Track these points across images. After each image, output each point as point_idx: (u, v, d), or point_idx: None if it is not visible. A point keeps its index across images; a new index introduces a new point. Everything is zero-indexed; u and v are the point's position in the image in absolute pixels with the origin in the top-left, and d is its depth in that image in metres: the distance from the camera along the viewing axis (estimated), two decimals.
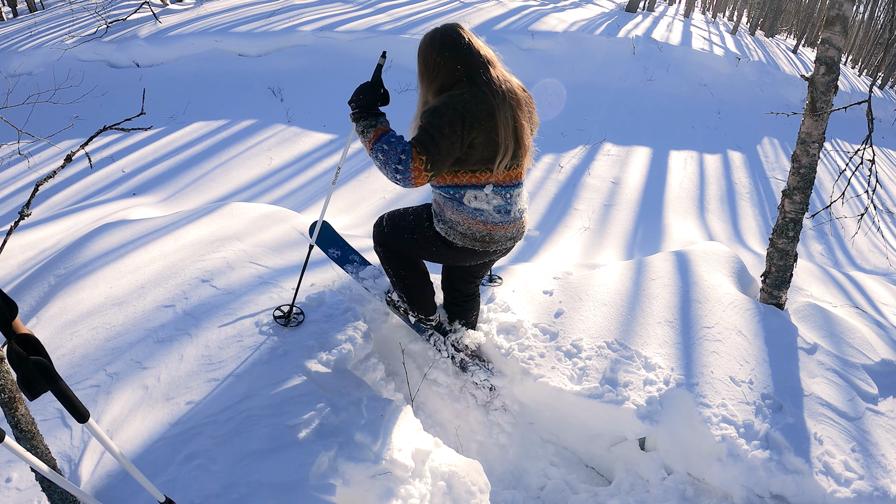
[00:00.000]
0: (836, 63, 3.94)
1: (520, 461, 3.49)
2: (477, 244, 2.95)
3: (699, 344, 3.67)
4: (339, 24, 12.06)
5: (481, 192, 2.82)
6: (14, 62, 11.41)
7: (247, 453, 2.70)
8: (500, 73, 2.73)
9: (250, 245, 4.30)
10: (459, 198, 2.85)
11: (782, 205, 4.26)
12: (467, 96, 2.62)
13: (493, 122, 2.63)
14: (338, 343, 3.42)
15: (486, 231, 2.91)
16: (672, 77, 12.51)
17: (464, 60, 2.68)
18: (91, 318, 3.58)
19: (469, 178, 2.79)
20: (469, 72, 2.68)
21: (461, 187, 2.82)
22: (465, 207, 2.86)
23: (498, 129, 2.65)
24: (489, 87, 2.65)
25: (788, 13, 33.54)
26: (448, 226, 2.94)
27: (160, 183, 7.54)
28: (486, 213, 2.86)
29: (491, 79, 2.67)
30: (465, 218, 2.88)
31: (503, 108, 2.66)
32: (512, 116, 2.70)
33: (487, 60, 2.71)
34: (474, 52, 2.69)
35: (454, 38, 2.69)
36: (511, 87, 2.73)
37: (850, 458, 3.13)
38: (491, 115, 2.62)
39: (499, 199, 2.86)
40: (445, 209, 2.92)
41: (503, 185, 2.85)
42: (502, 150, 2.69)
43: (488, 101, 2.63)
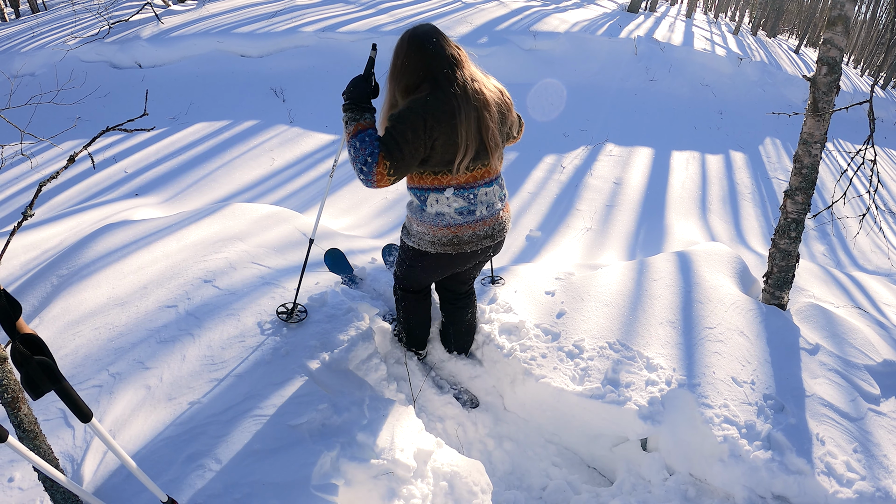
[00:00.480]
0: (837, 63, 3.93)
1: (522, 461, 3.49)
2: (448, 248, 2.98)
3: (701, 344, 3.67)
4: (341, 25, 12.07)
5: (442, 196, 2.85)
6: (17, 63, 11.43)
7: (249, 453, 2.70)
8: (468, 74, 2.74)
9: (253, 245, 4.30)
10: (423, 202, 2.90)
11: (784, 205, 4.26)
12: (430, 98, 2.64)
13: (454, 123, 2.64)
14: (340, 343, 3.42)
15: (452, 234, 2.93)
16: (674, 77, 12.50)
17: (428, 62, 2.69)
18: (94, 319, 3.59)
19: (431, 180, 2.82)
20: (432, 73, 2.69)
21: (424, 190, 2.87)
22: (427, 215, 2.91)
23: (458, 130, 2.66)
24: (451, 89, 2.66)
25: (790, 13, 33.52)
26: (417, 238, 3.02)
27: (163, 183, 7.54)
28: (446, 216, 2.89)
29: (454, 80, 2.68)
30: (429, 227, 2.93)
31: (465, 109, 2.66)
32: (476, 117, 2.70)
33: (454, 62, 2.71)
34: (440, 54, 2.69)
35: (421, 39, 2.70)
36: (478, 88, 2.73)
37: (852, 459, 3.13)
38: (451, 116, 2.63)
39: (460, 202, 2.88)
40: (412, 222, 3.01)
41: (465, 186, 2.86)
42: (462, 150, 2.69)
43: (449, 102, 2.64)
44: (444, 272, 3.26)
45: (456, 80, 2.68)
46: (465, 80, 2.70)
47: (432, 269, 3.21)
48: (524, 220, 6.94)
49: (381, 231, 6.18)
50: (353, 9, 13.37)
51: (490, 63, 11.07)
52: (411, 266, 3.23)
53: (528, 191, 7.75)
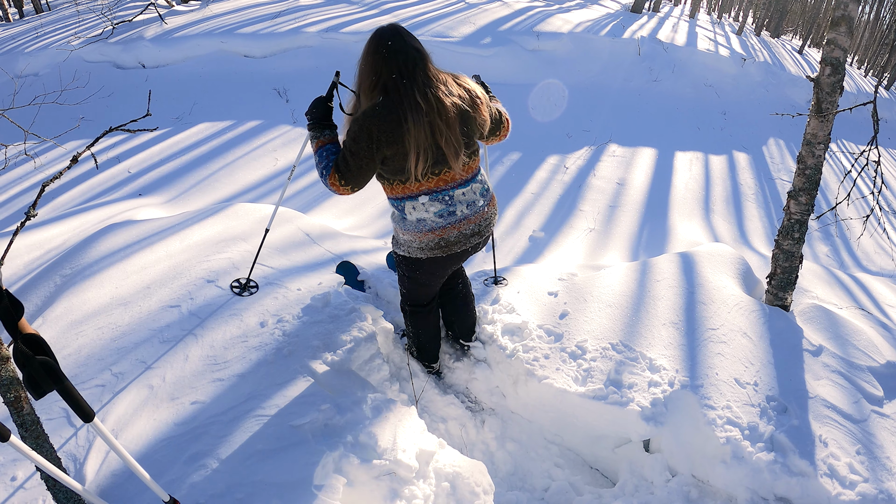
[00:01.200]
0: (841, 64, 3.92)
1: (524, 462, 3.49)
2: (437, 251, 3.02)
3: (704, 345, 3.67)
4: (344, 25, 12.06)
5: (417, 202, 2.87)
6: (20, 63, 11.44)
7: (251, 453, 2.71)
8: (421, 79, 2.68)
9: (255, 246, 4.31)
10: (402, 211, 2.94)
11: (788, 206, 4.25)
12: (377, 108, 2.64)
13: (400, 132, 2.63)
14: (343, 344, 3.43)
15: (437, 237, 2.96)
16: (677, 78, 12.48)
17: (379, 66, 2.67)
18: (97, 318, 3.60)
19: (402, 189, 2.85)
20: (382, 79, 2.68)
21: (400, 199, 2.90)
22: (408, 223, 2.95)
23: (405, 139, 2.64)
24: (398, 95, 2.63)
25: (794, 14, 33.47)
26: (406, 246, 3.08)
27: (166, 183, 7.55)
28: (427, 221, 2.92)
29: (402, 87, 2.64)
30: (414, 234, 2.97)
31: (413, 116, 2.62)
32: (428, 122, 2.65)
33: (406, 66, 2.65)
34: (392, 58, 2.65)
35: (377, 41, 2.69)
36: (431, 94, 2.67)
37: (855, 461, 3.12)
38: (398, 125, 2.62)
39: (438, 205, 2.89)
40: (398, 232, 3.08)
41: (437, 190, 2.87)
42: (413, 157, 2.68)
43: (395, 110, 2.62)
44: (441, 275, 3.29)
45: (404, 87, 2.64)
46: (417, 85, 2.65)
47: (429, 275, 3.24)
48: (527, 221, 6.94)
49: (384, 231, 6.18)
50: (357, 9, 13.37)
51: (493, 64, 11.12)
52: (410, 277, 3.28)
53: (531, 191, 7.74)
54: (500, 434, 3.60)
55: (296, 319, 3.58)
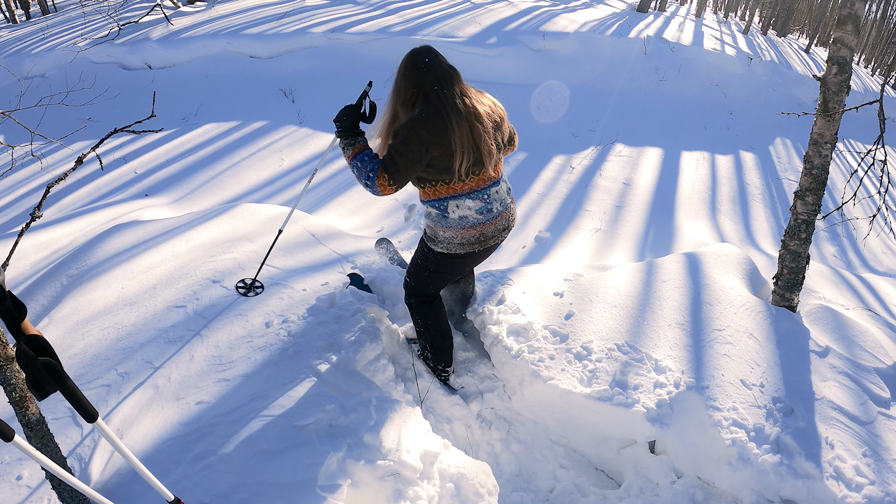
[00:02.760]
0: (848, 63, 3.91)
1: (529, 463, 3.48)
2: (476, 246, 3.28)
3: (710, 346, 3.66)
4: (350, 26, 12.07)
5: (461, 201, 3.13)
6: (27, 64, 11.50)
7: (256, 453, 2.71)
8: (458, 90, 3.00)
9: (261, 246, 4.31)
10: (444, 211, 3.17)
11: (794, 206, 4.23)
12: (423, 114, 2.92)
13: (447, 134, 2.90)
14: (347, 344, 3.43)
15: (478, 232, 3.22)
16: (684, 77, 12.45)
17: (419, 79, 2.97)
18: (103, 318, 3.61)
19: (446, 190, 3.10)
20: (424, 90, 2.97)
21: (443, 199, 3.14)
22: (451, 220, 3.18)
23: (451, 140, 2.91)
24: (440, 102, 2.93)
25: (800, 12, 33.33)
26: (446, 243, 3.27)
27: (172, 184, 7.57)
28: (470, 218, 3.17)
29: (443, 95, 2.94)
30: (456, 231, 3.20)
31: (456, 119, 2.91)
32: (468, 127, 2.96)
33: (444, 79, 2.97)
34: (430, 72, 2.96)
35: (415, 59, 2.99)
36: (468, 102, 2.99)
37: (862, 463, 3.11)
38: (444, 127, 2.89)
39: (478, 203, 3.16)
40: (437, 230, 3.26)
41: (478, 189, 3.14)
42: (458, 157, 2.95)
43: (440, 114, 2.90)
44: (468, 268, 3.56)
45: (444, 96, 2.94)
46: (455, 94, 2.97)
47: (459, 269, 3.49)
48: (533, 221, 6.92)
49: (390, 232, 6.18)
50: (362, 10, 13.38)
51: (499, 63, 11.12)
52: (436, 271, 3.44)
53: (537, 191, 7.73)
54: (505, 435, 3.59)
55: (301, 320, 3.58)
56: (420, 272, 3.51)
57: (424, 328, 3.71)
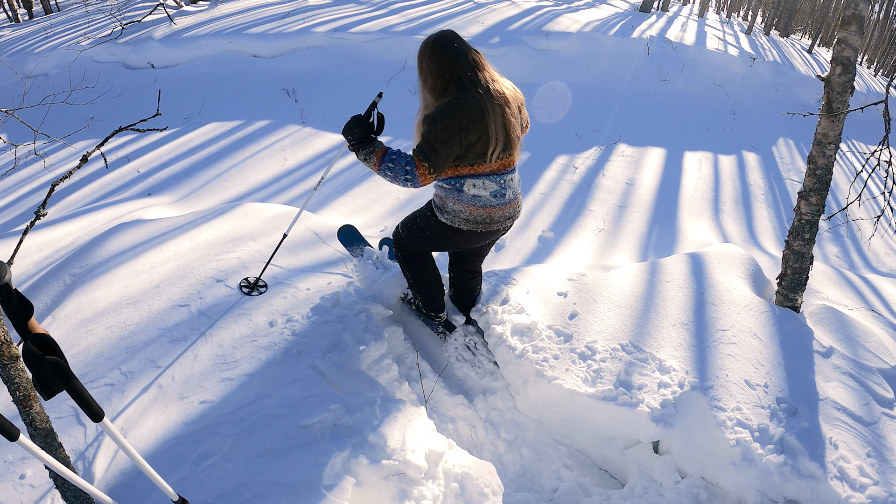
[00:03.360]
0: (852, 63, 3.90)
1: (533, 463, 3.48)
2: (479, 226, 3.32)
3: (714, 347, 3.65)
4: (352, 25, 12.07)
5: (479, 181, 3.17)
6: (30, 63, 11.51)
7: (260, 453, 2.71)
8: (489, 75, 3.04)
9: (265, 245, 4.31)
10: (460, 187, 3.21)
11: (798, 206, 4.22)
12: (461, 100, 2.94)
13: (485, 120, 2.96)
14: (352, 343, 3.43)
15: (486, 214, 3.27)
16: (687, 77, 12.44)
17: (452, 65, 2.98)
18: (106, 317, 3.60)
19: (468, 170, 3.14)
20: (457, 75, 2.99)
21: (462, 178, 3.18)
22: (465, 195, 3.21)
23: (488, 126, 2.98)
24: (476, 89, 2.97)
25: (803, 13, 33.28)
26: (452, 215, 3.31)
27: (175, 183, 7.57)
28: (483, 198, 3.22)
29: (478, 81, 2.98)
30: (466, 206, 3.24)
31: (491, 106, 2.97)
32: (501, 113, 3.02)
33: (475, 64, 3.00)
34: (461, 57, 2.98)
35: (443, 44, 2.99)
36: (498, 88, 3.03)
37: (865, 464, 3.10)
38: (482, 115, 2.95)
39: (494, 185, 3.21)
40: (447, 201, 3.30)
41: (497, 172, 3.20)
42: (493, 142, 3.03)
43: (478, 101, 2.95)
44: (464, 246, 3.59)
45: (479, 82, 2.97)
46: (487, 81, 3.00)
47: (455, 243, 3.54)
48: (536, 221, 6.92)
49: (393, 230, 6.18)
50: (365, 9, 13.38)
51: (502, 63, 11.06)
52: (431, 237, 3.52)
53: (540, 191, 7.73)
54: (509, 435, 3.59)
55: (305, 319, 3.58)
56: (415, 231, 3.58)
57: (413, 279, 3.83)
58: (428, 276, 3.82)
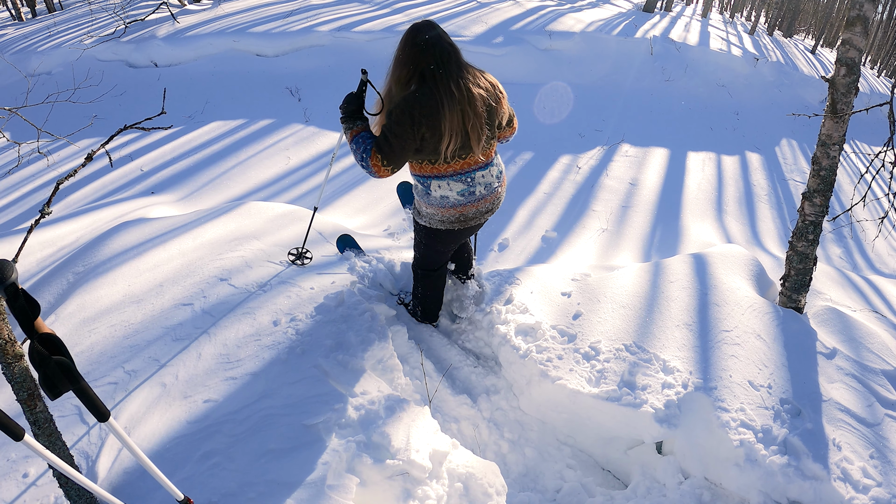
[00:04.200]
0: (856, 64, 3.89)
1: (536, 463, 3.48)
2: (455, 224, 3.38)
3: (718, 347, 3.65)
4: (356, 25, 12.07)
5: (443, 182, 3.20)
6: (33, 62, 11.51)
7: (264, 452, 2.71)
8: (455, 70, 2.98)
9: (268, 244, 4.32)
10: (427, 188, 3.27)
11: (802, 207, 4.22)
12: (417, 94, 2.93)
13: (438, 116, 2.92)
14: (356, 343, 3.43)
15: (458, 213, 3.32)
16: (690, 78, 12.42)
17: (417, 56, 2.96)
18: (109, 316, 3.61)
19: (430, 169, 3.18)
20: (420, 67, 2.97)
21: (426, 177, 3.23)
22: (433, 198, 3.28)
23: (441, 122, 2.93)
24: (436, 83, 2.93)
25: (806, 13, 33.24)
26: (427, 218, 3.42)
27: (178, 181, 7.58)
28: (450, 199, 3.26)
29: (439, 76, 2.93)
30: (436, 209, 3.32)
31: (448, 103, 2.92)
32: (460, 110, 2.96)
33: (442, 57, 2.95)
34: (428, 49, 2.94)
35: (414, 35, 3.00)
36: (464, 84, 2.98)
37: (869, 465, 3.10)
38: (436, 110, 2.91)
39: (460, 185, 3.23)
40: (420, 205, 3.41)
41: (462, 172, 3.20)
42: (446, 139, 2.97)
43: (433, 96, 2.91)
44: (454, 244, 3.65)
45: (440, 77, 2.93)
46: (451, 75, 2.95)
47: (445, 243, 3.59)
48: (540, 221, 6.92)
49: (397, 230, 6.18)
50: (368, 8, 13.38)
51: (506, 63, 11.11)
52: (427, 245, 3.61)
53: (543, 191, 7.72)
54: (513, 435, 3.59)
55: (309, 318, 3.58)
56: (418, 246, 3.70)
57: (422, 295, 3.95)
58: (435, 293, 3.96)
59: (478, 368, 3.92)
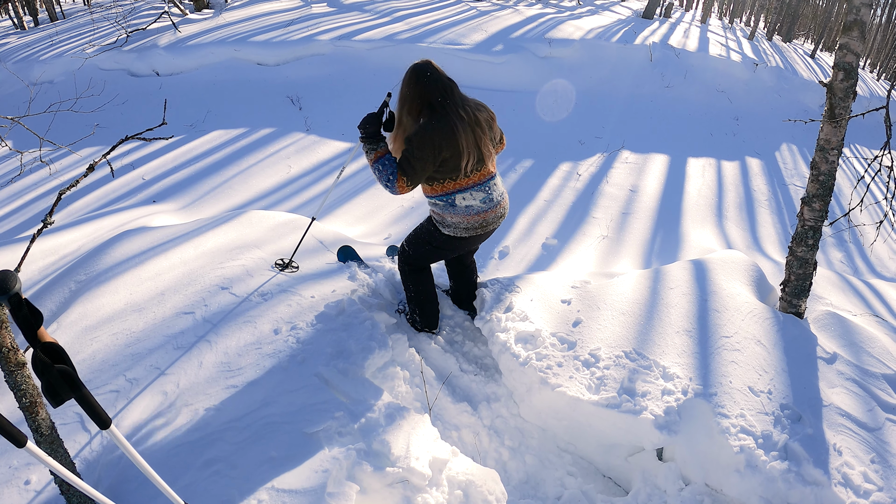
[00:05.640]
0: (854, 69, 3.91)
1: (537, 470, 3.48)
2: (478, 230, 3.70)
3: (718, 353, 3.65)
4: (356, 33, 12.12)
5: (467, 193, 3.57)
6: (36, 71, 11.57)
7: (265, 459, 2.72)
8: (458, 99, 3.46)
9: (269, 253, 4.33)
10: (452, 202, 3.59)
11: (801, 213, 4.23)
12: (433, 122, 3.36)
13: (455, 138, 3.35)
14: (356, 351, 3.44)
15: (482, 219, 3.65)
16: (689, 84, 12.45)
17: (423, 91, 3.42)
18: (111, 324, 3.62)
19: (453, 185, 3.54)
20: (428, 100, 3.41)
21: (451, 194, 3.57)
22: (458, 208, 3.60)
23: (459, 142, 3.37)
24: (445, 112, 3.38)
25: (805, 17, 33.29)
26: (453, 227, 3.67)
27: (180, 190, 7.60)
28: (474, 207, 3.60)
29: (447, 105, 3.39)
30: (463, 217, 3.61)
31: (461, 126, 3.37)
32: (472, 131, 3.43)
33: (444, 90, 3.42)
34: (432, 84, 3.40)
35: (417, 73, 3.44)
36: (469, 110, 3.45)
37: (870, 470, 3.10)
38: (452, 133, 3.34)
39: (482, 193, 3.61)
40: (445, 216, 3.66)
41: (479, 182, 3.59)
42: (465, 156, 3.42)
43: (448, 122, 3.35)
44: (468, 248, 3.97)
45: (448, 105, 3.39)
46: (456, 104, 3.42)
47: (459, 249, 3.91)
48: (540, 228, 6.93)
49: (397, 239, 6.19)
50: (369, 17, 13.43)
51: (505, 71, 11.15)
52: (438, 248, 3.84)
53: (543, 198, 7.74)
54: (513, 442, 3.59)
55: (309, 327, 3.59)
56: (421, 245, 3.89)
57: (415, 293, 4.06)
58: (428, 290, 4.07)
59: (478, 376, 3.93)
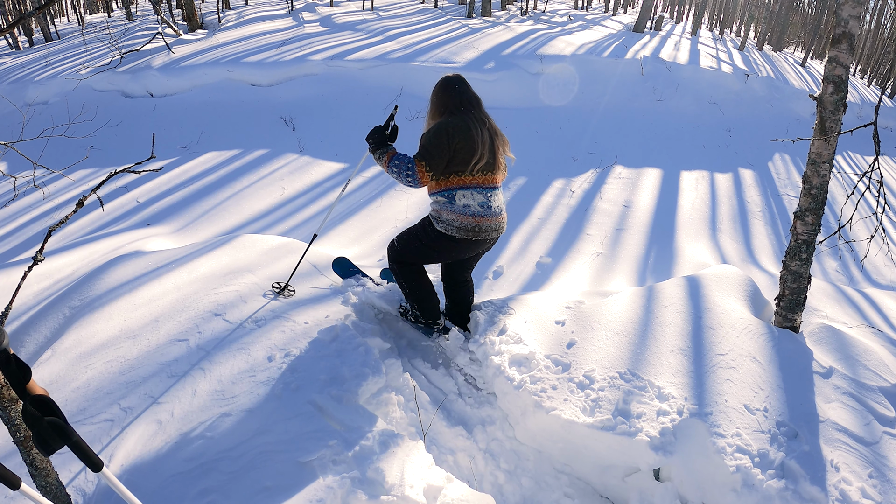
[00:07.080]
0: (844, 81, 3.91)
1: (533, 493, 3.46)
2: (470, 234, 3.80)
3: (713, 372, 3.65)
4: (349, 53, 12.18)
5: (468, 192, 3.75)
6: (31, 92, 11.61)
7: (260, 489, 2.71)
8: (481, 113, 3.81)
9: (262, 278, 4.33)
10: (451, 198, 3.77)
11: (794, 227, 4.23)
12: (448, 119, 3.71)
13: (469, 133, 3.66)
14: (350, 377, 3.43)
15: (475, 222, 3.78)
16: (681, 96, 12.52)
17: (448, 100, 3.80)
18: (105, 351, 3.62)
19: (458, 181, 3.74)
20: (455, 107, 3.77)
21: (453, 189, 3.76)
22: (456, 206, 3.76)
23: (473, 137, 3.66)
24: (467, 116, 3.72)
25: (795, 26, 33.47)
26: (447, 224, 3.80)
27: (174, 213, 7.61)
28: (472, 207, 3.76)
29: (472, 111, 3.76)
30: (458, 215, 3.76)
31: (479, 128, 3.70)
32: (489, 136, 3.76)
33: (469, 103, 3.79)
34: (457, 95, 3.79)
35: (446, 84, 3.85)
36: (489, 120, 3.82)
37: (867, 485, 3.09)
38: (468, 130, 3.66)
39: (481, 197, 3.78)
40: (442, 212, 3.81)
41: (482, 186, 3.79)
42: (477, 153, 3.68)
43: (466, 122, 3.69)
44: (456, 256, 4.04)
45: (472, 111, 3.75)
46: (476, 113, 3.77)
47: (447, 253, 3.99)
48: (534, 247, 6.94)
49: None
50: (361, 36, 13.50)
51: (497, 88, 11.21)
52: (428, 246, 3.95)
53: (537, 216, 7.75)
54: (509, 466, 3.58)
55: (303, 353, 3.59)
56: (412, 241, 4.03)
57: (410, 289, 4.18)
58: (423, 283, 4.17)
59: (473, 399, 3.92)
